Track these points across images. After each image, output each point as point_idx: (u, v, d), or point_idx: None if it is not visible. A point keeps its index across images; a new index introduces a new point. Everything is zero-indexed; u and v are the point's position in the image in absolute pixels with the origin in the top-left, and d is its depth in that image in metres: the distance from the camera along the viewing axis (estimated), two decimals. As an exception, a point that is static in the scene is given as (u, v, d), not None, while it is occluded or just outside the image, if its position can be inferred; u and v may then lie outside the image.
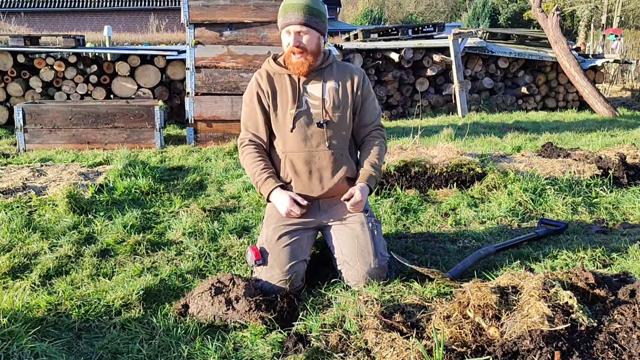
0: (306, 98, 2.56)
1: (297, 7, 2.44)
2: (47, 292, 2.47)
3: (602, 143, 5.92)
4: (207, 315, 2.19)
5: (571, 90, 9.64)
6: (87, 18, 26.90)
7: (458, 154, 4.28)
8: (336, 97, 2.57)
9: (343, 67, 2.66)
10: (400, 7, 42.62)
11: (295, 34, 2.46)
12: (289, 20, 2.45)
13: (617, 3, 24.46)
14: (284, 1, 2.51)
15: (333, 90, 2.57)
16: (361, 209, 2.54)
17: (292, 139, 2.53)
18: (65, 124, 5.87)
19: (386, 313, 2.06)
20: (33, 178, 4.26)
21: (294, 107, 2.53)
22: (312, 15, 2.45)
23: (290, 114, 2.53)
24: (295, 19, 2.44)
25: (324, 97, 2.56)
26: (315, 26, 2.47)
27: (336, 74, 2.61)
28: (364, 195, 2.52)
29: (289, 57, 2.51)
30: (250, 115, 2.64)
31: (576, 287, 2.01)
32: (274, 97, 2.58)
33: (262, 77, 2.60)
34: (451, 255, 2.86)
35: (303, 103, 2.55)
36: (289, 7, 2.45)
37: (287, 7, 2.46)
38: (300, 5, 2.44)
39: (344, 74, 2.63)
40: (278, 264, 2.39)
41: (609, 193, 3.87)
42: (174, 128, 7.57)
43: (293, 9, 2.44)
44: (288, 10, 2.45)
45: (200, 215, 3.52)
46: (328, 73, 2.59)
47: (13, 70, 7.44)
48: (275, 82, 2.59)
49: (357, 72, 2.65)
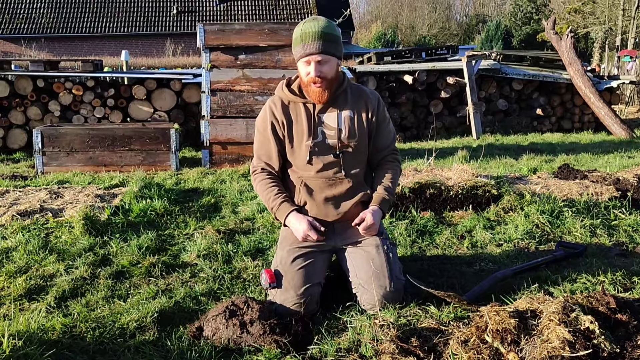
0: (322, 129, 2.52)
1: (315, 35, 2.37)
2: (62, 314, 2.47)
3: (620, 164, 5.85)
4: (222, 338, 2.18)
5: (587, 111, 9.58)
6: (105, 43, 27.46)
7: (473, 176, 4.26)
8: (352, 126, 2.53)
9: (357, 92, 2.61)
10: (413, 30, 42.96)
11: (316, 64, 2.40)
12: (309, 50, 2.38)
13: (632, 25, 24.41)
14: (298, 29, 2.44)
15: (348, 119, 2.53)
16: (374, 232, 2.52)
17: (308, 169, 2.52)
18: (82, 146, 5.95)
19: (402, 337, 2.03)
20: (50, 200, 4.31)
21: (309, 139, 2.50)
22: (331, 42, 2.40)
23: (307, 145, 2.50)
24: (315, 48, 2.37)
25: (340, 127, 2.51)
26: (335, 53, 2.43)
27: (351, 100, 2.56)
28: (376, 218, 2.50)
29: (309, 86, 2.46)
30: (264, 144, 2.60)
31: (597, 311, 1.96)
32: (290, 128, 2.54)
33: (277, 106, 2.55)
34: (468, 279, 2.82)
35: (319, 134, 2.51)
36: (307, 35, 2.38)
37: (304, 36, 2.39)
38: (318, 33, 2.38)
39: (359, 100, 2.58)
40: (292, 287, 2.37)
41: (628, 215, 3.81)
42: (189, 150, 7.63)
43: (311, 38, 2.37)
44: (306, 40, 2.38)
45: (214, 237, 3.52)
46: (342, 100, 2.55)
47: (33, 95, 7.58)
48: (290, 111, 2.55)
49: (371, 97, 2.61)
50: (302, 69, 2.46)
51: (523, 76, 9.34)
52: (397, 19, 44.61)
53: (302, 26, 2.43)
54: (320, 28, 2.39)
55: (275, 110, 2.55)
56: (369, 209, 2.52)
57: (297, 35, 2.44)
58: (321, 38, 2.37)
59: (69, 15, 27.82)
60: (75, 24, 27.59)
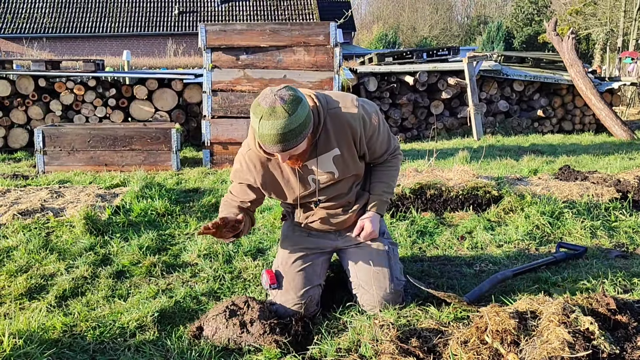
0: (312, 176, 2.34)
1: (272, 139, 2.05)
2: (62, 313, 2.47)
3: (621, 166, 5.85)
4: (222, 338, 2.18)
5: (588, 113, 9.58)
6: (107, 43, 27.48)
7: (474, 177, 4.26)
8: (342, 162, 2.32)
9: (338, 123, 2.27)
10: (414, 31, 42.97)
11: (282, 156, 2.15)
12: (270, 151, 2.13)
13: (633, 26, 24.41)
14: (255, 123, 2.06)
15: (337, 158, 2.31)
16: (375, 236, 2.50)
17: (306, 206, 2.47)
18: (83, 146, 5.96)
19: (402, 338, 2.03)
20: (51, 199, 4.32)
21: (302, 189, 2.36)
22: (290, 140, 2.06)
23: (300, 196, 2.38)
24: (276, 150, 2.09)
25: (330, 170, 2.32)
26: (298, 144, 2.10)
27: (334, 136, 2.27)
28: (375, 223, 2.46)
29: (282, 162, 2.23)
30: (241, 190, 2.40)
31: (597, 312, 1.96)
32: (274, 183, 2.36)
33: (256, 166, 2.32)
34: (468, 279, 2.82)
35: (310, 182, 2.36)
36: (265, 138, 2.05)
37: (262, 138, 2.06)
38: (274, 137, 2.04)
39: (342, 131, 2.28)
40: (293, 288, 2.37)
41: (628, 217, 3.81)
42: (190, 150, 7.64)
43: (269, 142, 2.06)
44: (265, 141, 2.07)
45: (215, 237, 3.52)
46: (325, 142, 2.26)
47: (34, 94, 7.60)
48: (271, 167, 2.33)
49: (354, 124, 2.27)
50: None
51: (524, 77, 9.34)
52: (398, 19, 44.62)
53: (258, 124, 2.05)
54: (276, 129, 2.02)
55: (255, 171, 2.33)
56: (366, 214, 2.47)
57: (255, 131, 2.10)
58: (278, 142, 2.05)
59: (70, 15, 27.84)
60: (77, 23, 27.61)
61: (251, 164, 2.32)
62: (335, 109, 2.27)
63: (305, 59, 6.05)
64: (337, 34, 6.06)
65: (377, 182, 2.50)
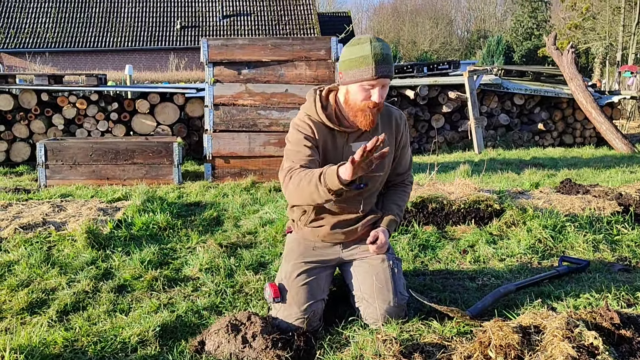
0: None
1: (389, 57, 2.21)
2: (64, 328, 2.46)
3: (622, 179, 5.85)
4: (224, 352, 2.17)
5: (588, 126, 9.60)
6: (109, 57, 27.67)
7: (475, 190, 4.26)
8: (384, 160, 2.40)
9: (387, 114, 2.46)
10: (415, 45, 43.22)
11: (381, 89, 2.24)
12: (382, 73, 2.20)
13: (632, 40, 24.55)
14: (363, 48, 2.21)
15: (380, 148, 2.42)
16: (384, 251, 2.51)
17: None
18: (85, 160, 5.97)
19: (405, 352, 2.02)
20: (53, 213, 4.32)
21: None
22: (392, 64, 2.26)
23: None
24: (388, 71, 2.21)
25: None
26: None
27: (380, 127, 2.42)
28: (387, 237, 2.50)
29: (362, 112, 2.27)
30: (299, 153, 2.33)
31: (601, 327, 1.95)
32: (322, 151, 2.38)
33: (313, 126, 2.35)
34: (470, 293, 2.81)
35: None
36: (380, 56, 2.18)
37: (377, 57, 2.18)
38: (388, 57, 2.20)
39: (389, 124, 2.45)
40: (296, 303, 2.36)
41: (630, 230, 3.80)
42: (192, 164, 7.65)
43: (385, 60, 2.19)
44: (380, 61, 2.18)
45: (216, 251, 3.52)
46: (372, 130, 2.38)
47: (37, 108, 7.63)
48: (325, 135, 2.38)
49: (400, 121, 2.49)
50: (360, 93, 2.25)
51: (524, 91, 9.37)
52: (398, 34, 44.91)
53: (368, 46, 2.21)
54: (388, 50, 2.22)
55: (314, 128, 2.35)
56: (379, 228, 2.50)
57: (363, 52, 2.21)
58: (390, 62, 2.22)
59: (73, 30, 28.06)
60: (80, 38, 27.81)
61: (310, 123, 2.35)
62: (385, 106, 2.46)
63: (307, 73, 6.08)
64: (338, 49, 6.10)
65: (392, 203, 2.59)
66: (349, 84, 2.29)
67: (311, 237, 2.58)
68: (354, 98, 2.28)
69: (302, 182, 2.18)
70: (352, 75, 2.25)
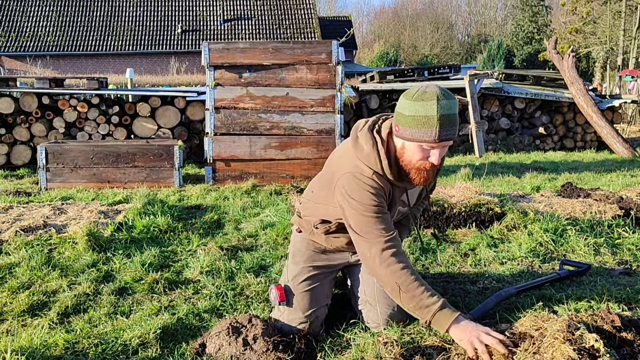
0: (399, 207, 2.35)
1: (452, 119, 2.01)
2: (65, 330, 2.46)
3: (623, 183, 5.85)
4: (225, 355, 2.17)
5: (589, 130, 9.61)
6: (110, 61, 27.73)
7: (476, 194, 4.26)
8: (421, 195, 2.47)
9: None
10: (415, 50, 43.30)
11: (441, 150, 2.06)
12: (446, 137, 2.01)
13: (633, 44, 24.58)
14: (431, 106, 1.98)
15: (418, 191, 2.41)
16: None
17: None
18: (86, 163, 5.98)
19: (406, 355, 2.02)
20: (54, 216, 4.32)
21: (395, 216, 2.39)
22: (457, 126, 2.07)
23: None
24: (452, 134, 2.02)
25: (411, 200, 2.38)
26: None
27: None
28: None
29: (414, 169, 2.11)
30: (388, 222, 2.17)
31: (602, 330, 1.95)
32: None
33: (386, 188, 2.17)
34: (471, 297, 2.81)
35: (395, 214, 2.36)
36: (446, 118, 1.98)
37: (443, 119, 1.98)
38: (454, 117, 2.01)
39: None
40: (301, 308, 2.36)
41: (631, 234, 3.80)
42: (193, 167, 7.66)
43: (451, 123, 2.00)
44: (445, 124, 1.98)
45: (217, 254, 3.52)
46: None
47: (38, 111, 7.64)
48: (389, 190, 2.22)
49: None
50: (418, 153, 2.07)
51: (525, 95, 9.39)
52: (399, 38, 45.00)
53: (434, 104, 1.97)
54: (455, 109, 2.02)
55: (385, 189, 2.18)
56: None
57: (427, 114, 1.98)
58: (455, 123, 2.03)
59: (74, 34, 28.13)
60: (81, 42, 27.88)
61: (383, 185, 2.15)
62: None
63: (308, 76, 6.10)
64: (338, 52, 6.11)
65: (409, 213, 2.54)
66: (406, 141, 2.09)
67: (324, 244, 2.52)
68: (410, 156, 2.10)
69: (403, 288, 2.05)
70: (411, 133, 2.03)
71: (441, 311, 2.02)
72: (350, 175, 2.15)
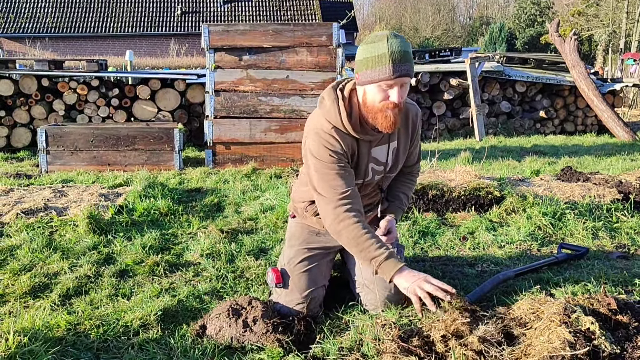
0: (372, 165, 2.36)
1: (407, 55, 2.06)
2: (66, 311, 2.49)
3: (622, 167, 5.86)
4: (225, 336, 2.19)
5: (590, 114, 9.58)
6: (110, 43, 27.55)
7: (476, 178, 4.27)
8: (396, 157, 2.42)
9: (404, 114, 2.36)
10: (417, 32, 42.97)
11: (400, 89, 2.11)
12: (400, 72, 2.06)
13: (636, 27, 24.39)
14: (382, 47, 2.07)
15: (396, 151, 2.39)
16: (393, 240, 2.51)
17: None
18: (86, 146, 5.98)
19: (404, 337, 2.04)
20: (54, 199, 4.33)
21: (359, 177, 2.35)
22: (412, 63, 2.11)
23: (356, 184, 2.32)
24: (407, 70, 2.06)
25: (387, 160, 2.38)
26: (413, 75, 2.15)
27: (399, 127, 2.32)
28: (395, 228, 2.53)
29: (382, 112, 2.14)
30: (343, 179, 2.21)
31: (598, 313, 1.97)
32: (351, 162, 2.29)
33: (340, 141, 2.21)
34: (470, 280, 2.83)
35: (369, 172, 2.37)
36: (398, 54, 2.04)
37: (394, 55, 2.04)
38: (409, 53, 2.07)
39: (406, 123, 2.39)
40: (298, 289, 2.38)
41: (630, 218, 3.81)
42: (193, 150, 7.66)
43: (404, 59, 2.05)
44: (397, 60, 2.04)
45: (217, 237, 3.54)
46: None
47: (37, 94, 7.62)
48: (351, 146, 2.25)
49: (417, 118, 2.40)
50: (378, 94, 2.12)
51: (526, 78, 9.34)
52: (400, 20, 44.63)
53: (384, 43, 2.06)
54: (409, 48, 2.09)
55: (342, 142, 2.22)
56: (388, 217, 2.52)
57: (380, 51, 2.06)
58: (409, 59, 2.07)
59: (73, 15, 27.92)
60: (80, 23, 27.68)
61: (339, 137, 2.21)
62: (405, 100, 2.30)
63: (308, 59, 6.07)
64: (339, 35, 6.07)
65: (400, 192, 2.60)
66: (365, 85, 2.16)
67: (316, 226, 2.59)
68: (372, 99, 2.15)
69: (353, 241, 2.16)
70: (368, 75, 2.11)
71: (386, 261, 2.13)
72: (314, 132, 2.25)
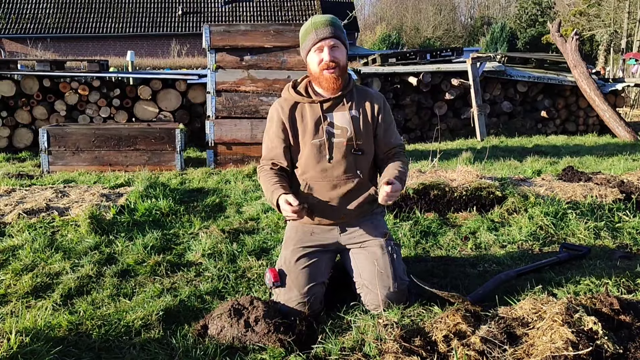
0: (328, 128, 2.51)
1: (327, 22, 2.45)
2: (68, 311, 2.49)
3: (624, 167, 5.85)
4: (226, 336, 2.19)
5: (591, 114, 9.57)
6: (111, 43, 27.54)
7: (477, 178, 4.26)
8: (357, 125, 2.53)
9: (363, 93, 2.61)
10: (418, 32, 42.93)
11: (330, 48, 2.43)
12: (322, 35, 2.42)
13: (637, 27, 24.37)
14: (307, 23, 2.50)
15: (355, 119, 2.53)
16: (396, 197, 2.41)
17: (313, 168, 2.52)
18: (88, 146, 5.98)
19: (406, 337, 2.04)
20: (56, 199, 4.34)
21: (316, 138, 2.50)
22: (340, 29, 2.48)
23: (313, 144, 2.50)
24: (328, 33, 2.42)
25: (346, 125, 2.52)
26: (344, 41, 2.50)
27: (357, 100, 2.56)
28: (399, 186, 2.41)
29: (321, 75, 2.47)
30: (272, 144, 2.59)
31: (600, 312, 1.97)
32: (295, 128, 2.54)
33: (283, 108, 2.55)
34: (471, 280, 2.83)
35: (325, 133, 2.50)
36: (318, 23, 2.45)
37: (316, 24, 2.45)
38: (329, 20, 2.45)
39: (364, 100, 2.58)
40: (296, 286, 2.38)
41: (632, 218, 3.81)
42: (194, 151, 7.66)
43: (323, 24, 2.44)
44: (318, 26, 2.44)
45: (219, 237, 3.54)
46: (349, 99, 2.55)
47: (39, 94, 7.62)
48: (297, 112, 2.55)
49: (377, 98, 2.61)
50: (314, 59, 2.47)
51: (528, 78, 9.33)
52: (401, 20, 44.59)
53: (311, 19, 2.51)
54: (330, 17, 2.48)
55: (281, 112, 2.55)
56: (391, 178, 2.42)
57: (307, 26, 2.49)
58: (332, 24, 2.44)
59: (74, 16, 27.91)
60: (81, 24, 27.68)
61: (279, 107, 2.57)
62: (362, 86, 2.69)
63: (309, 59, 6.06)
64: (340, 35, 6.06)
65: (394, 169, 2.50)
66: (306, 58, 2.53)
67: (309, 224, 2.59)
68: (312, 67, 2.49)
69: (263, 187, 2.55)
70: (304, 49, 2.51)
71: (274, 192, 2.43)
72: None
